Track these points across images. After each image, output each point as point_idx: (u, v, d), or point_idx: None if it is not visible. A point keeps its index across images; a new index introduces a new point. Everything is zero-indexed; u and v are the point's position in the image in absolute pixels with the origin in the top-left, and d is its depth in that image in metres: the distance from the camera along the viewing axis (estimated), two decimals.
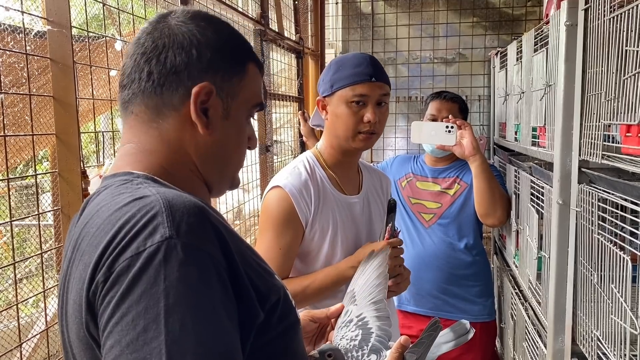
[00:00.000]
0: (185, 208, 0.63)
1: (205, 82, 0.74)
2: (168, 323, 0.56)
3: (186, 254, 0.60)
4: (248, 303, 0.67)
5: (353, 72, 1.45)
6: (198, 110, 0.74)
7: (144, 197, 0.65)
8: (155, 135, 0.76)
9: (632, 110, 1.11)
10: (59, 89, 1.12)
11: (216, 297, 0.61)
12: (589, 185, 1.37)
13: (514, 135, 2.39)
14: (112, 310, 0.58)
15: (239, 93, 0.79)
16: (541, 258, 1.79)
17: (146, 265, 0.58)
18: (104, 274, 0.60)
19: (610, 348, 1.22)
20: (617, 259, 1.17)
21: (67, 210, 1.14)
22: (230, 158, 0.82)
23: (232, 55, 0.79)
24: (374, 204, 1.62)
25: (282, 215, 1.43)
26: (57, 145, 1.12)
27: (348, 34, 3.50)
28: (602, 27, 1.27)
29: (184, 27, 0.76)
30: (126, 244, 0.60)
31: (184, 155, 0.77)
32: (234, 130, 0.80)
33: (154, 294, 0.57)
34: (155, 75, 0.74)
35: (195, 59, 0.75)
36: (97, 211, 0.68)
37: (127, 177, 0.73)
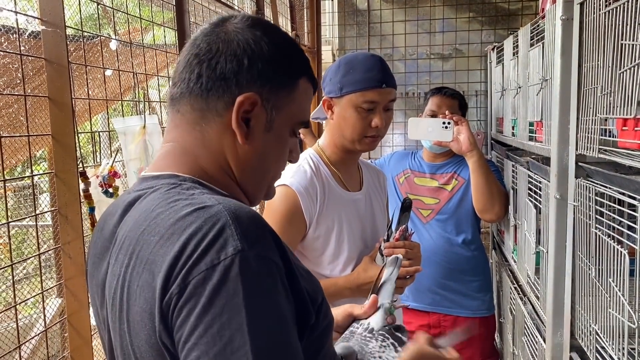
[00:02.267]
0: (249, 219, 0.65)
1: (251, 93, 0.75)
2: (251, 331, 0.59)
3: (259, 264, 0.62)
4: (304, 306, 0.69)
5: (364, 77, 1.44)
6: (239, 120, 0.75)
7: (206, 206, 0.66)
8: (198, 138, 0.77)
9: (628, 104, 1.11)
10: (54, 89, 1.12)
11: (284, 304, 0.64)
12: (586, 180, 1.37)
13: (511, 130, 2.39)
14: (195, 322, 0.60)
15: (286, 107, 0.79)
16: (539, 253, 1.79)
17: (224, 278, 0.60)
18: (178, 286, 0.61)
19: (608, 342, 1.23)
20: (614, 253, 1.17)
21: (64, 211, 1.13)
22: (268, 170, 0.82)
23: (284, 69, 0.78)
24: (375, 200, 1.62)
25: (287, 212, 1.42)
26: (54, 146, 1.11)
27: (344, 31, 3.49)
28: (597, 20, 1.27)
29: (240, 35, 0.77)
30: (199, 257, 0.61)
31: (223, 161, 0.78)
32: (275, 143, 0.80)
33: (236, 305, 0.59)
34: (204, 78, 0.75)
35: (246, 68, 0.75)
36: (154, 218, 0.68)
37: (174, 181, 0.74)
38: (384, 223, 1.60)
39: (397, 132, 3.48)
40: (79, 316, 1.30)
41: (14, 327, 1.19)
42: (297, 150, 0.87)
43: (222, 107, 0.75)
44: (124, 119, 1.33)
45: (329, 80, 1.52)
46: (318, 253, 1.48)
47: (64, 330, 1.34)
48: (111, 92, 1.43)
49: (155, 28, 1.74)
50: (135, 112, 1.53)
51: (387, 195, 1.73)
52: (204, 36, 0.78)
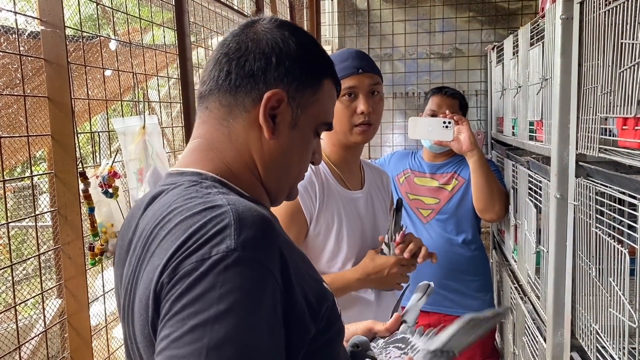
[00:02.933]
0: (253, 222, 0.65)
1: (278, 89, 0.77)
2: (214, 329, 0.58)
3: (247, 266, 0.62)
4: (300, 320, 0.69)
5: (340, 67, 1.45)
6: (266, 115, 0.77)
7: (215, 206, 0.67)
8: (225, 133, 0.79)
9: (628, 103, 1.10)
10: (54, 89, 1.12)
11: (265, 313, 0.62)
12: (586, 179, 1.37)
13: (511, 129, 2.39)
14: (169, 306, 0.61)
15: (310, 106, 0.81)
16: (540, 252, 1.79)
17: (207, 271, 0.60)
18: (168, 275, 0.62)
19: (609, 341, 1.22)
20: (615, 252, 1.17)
21: (63, 212, 1.13)
22: (291, 167, 0.84)
23: (310, 68, 0.81)
24: (377, 199, 1.62)
25: (286, 210, 1.41)
26: (53, 146, 1.11)
27: (344, 31, 3.49)
28: (597, 20, 1.26)
29: (269, 34, 0.79)
30: (193, 250, 0.62)
31: (249, 157, 0.80)
32: (299, 142, 0.82)
33: (209, 299, 0.59)
34: (233, 75, 0.78)
35: (274, 66, 0.77)
36: (169, 213, 0.69)
37: (196, 179, 0.76)
38: (386, 223, 1.59)
39: (397, 132, 3.48)
40: (79, 317, 1.29)
41: (14, 328, 1.19)
42: (320, 151, 0.89)
43: (249, 103, 0.78)
44: (124, 119, 1.33)
45: None
46: (318, 251, 1.48)
47: (63, 330, 1.34)
48: (111, 92, 1.43)
49: (154, 28, 1.73)
50: (134, 112, 1.53)
51: (391, 196, 1.72)
52: (233, 37, 0.81)
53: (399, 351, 0.96)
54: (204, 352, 0.56)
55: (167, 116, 2.33)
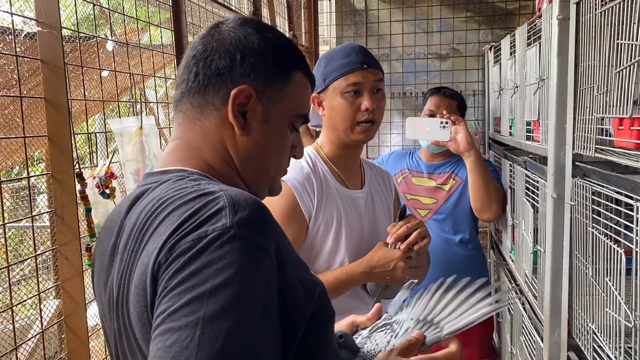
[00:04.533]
0: (247, 204, 0.66)
1: (245, 86, 0.78)
2: (210, 302, 0.58)
3: (242, 243, 0.63)
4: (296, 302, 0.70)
5: (343, 63, 1.43)
6: (235, 112, 0.78)
7: (209, 192, 0.68)
8: (199, 132, 0.81)
9: (624, 104, 1.11)
10: (50, 90, 1.11)
11: (261, 289, 0.63)
12: (582, 179, 1.37)
13: (508, 129, 2.39)
14: (166, 283, 0.61)
15: (282, 100, 0.82)
16: (537, 252, 1.79)
17: (204, 248, 0.61)
18: (165, 255, 0.63)
19: (605, 341, 1.23)
20: (611, 252, 1.17)
21: (60, 212, 1.13)
22: (268, 162, 0.84)
23: (276, 61, 0.81)
24: (378, 200, 1.59)
25: (285, 209, 1.40)
26: (50, 147, 1.11)
27: (342, 31, 3.49)
28: (593, 20, 1.27)
29: (232, 33, 0.81)
30: (190, 231, 0.63)
31: (225, 153, 0.81)
32: (274, 136, 0.83)
33: (205, 273, 0.60)
34: (200, 76, 0.79)
35: (239, 63, 0.79)
36: (161, 204, 0.70)
37: (182, 174, 0.77)
38: (387, 224, 1.55)
39: (395, 132, 3.48)
40: (76, 317, 1.29)
41: (11, 329, 1.19)
42: (300, 145, 0.89)
43: (219, 101, 0.79)
44: (121, 119, 1.33)
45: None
46: (316, 250, 1.45)
47: (61, 331, 1.33)
48: (108, 93, 1.43)
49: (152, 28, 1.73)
50: (132, 112, 1.53)
51: (394, 196, 1.68)
52: (201, 39, 0.82)
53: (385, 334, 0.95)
54: (200, 324, 0.57)
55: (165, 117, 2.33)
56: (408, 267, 1.42)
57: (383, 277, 1.42)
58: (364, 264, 1.42)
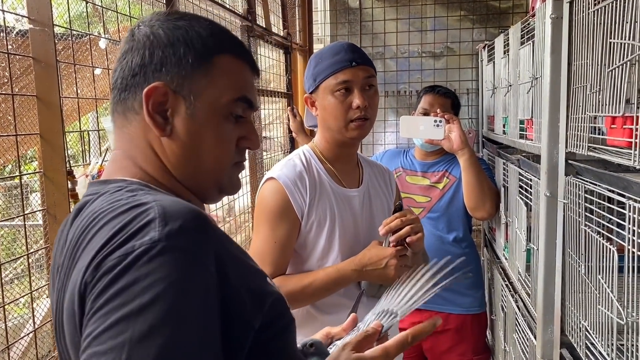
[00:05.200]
0: (179, 213, 0.63)
1: (156, 83, 0.72)
2: (137, 322, 0.55)
3: (172, 256, 0.59)
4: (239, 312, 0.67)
5: (332, 61, 1.43)
6: (151, 112, 0.73)
7: (141, 204, 0.64)
8: (129, 140, 0.76)
9: (616, 102, 1.11)
10: (42, 88, 1.11)
11: (196, 303, 0.60)
12: (575, 177, 1.38)
13: (502, 128, 2.40)
14: (92, 304, 0.58)
15: (205, 89, 0.75)
16: (530, 250, 1.80)
17: (131, 264, 0.58)
18: (91, 274, 0.60)
19: (598, 338, 1.23)
20: (603, 250, 1.18)
21: (53, 211, 1.13)
22: (203, 160, 0.77)
23: (189, 49, 0.74)
24: (376, 199, 1.56)
25: (276, 207, 1.39)
26: (42, 145, 1.10)
27: (336, 29, 3.49)
28: (586, 19, 1.27)
29: (142, 30, 0.76)
30: (117, 246, 0.60)
31: (157, 159, 0.76)
32: (205, 130, 0.75)
33: (132, 291, 0.56)
34: (119, 81, 0.75)
35: (148, 59, 0.73)
36: (94, 218, 0.67)
37: (121, 184, 0.73)
38: None
39: (389, 131, 3.48)
40: None
41: (3, 328, 1.18)
42: (251, 135, 0.81)
43: (137, 104, 0.74)
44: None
45: (306, 79, 1.51)
46: (309, 249, 1.45)
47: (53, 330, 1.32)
48: (101, 91, 1.43)
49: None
50: None
51: (396, 195, 1.66)
52: (123, 44, 0.78)
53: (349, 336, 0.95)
54: (127, 346, 0.53)
55: None
56: (401, 265, 1.39)
57: (375, 276, 1.40)
58: (356, 262, 1.40)
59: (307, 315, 1.46)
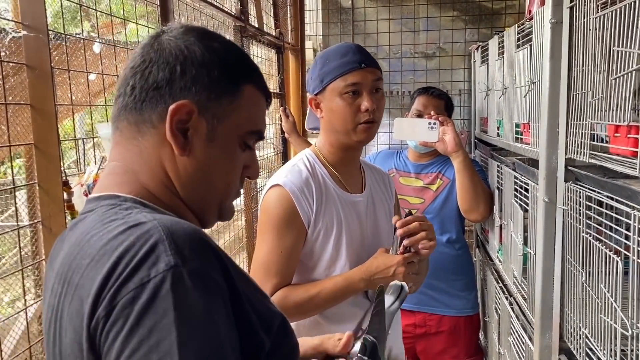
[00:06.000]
0: (186, 234, 0.61)
1: (185, 101, 0.70)
2: (182, 355, 0.54)
3: (194, 282, 0.57)
4: (251, 333, 0.65)
5: (341, 62, 1.39)
6: (174, 130, 0.70)
7: (139, 224, 0.62)
8: (137, 153, 0.73)
9: (620, 110, 1.10)
10: (36, 96, 1.06)
11: (223, 325, 0.59)
12: (575, 184, 1.37)
13: (496, 130, 2.39)
14: (121, 346, 0.55)
15: (229, 116, 0.74)
16: (527, 254, 1.80)
17: (154, 296, 0.55)
18: (105, 308, 0.57)
19: (599, 346, 1.23)
20: (606, 259, 1.17)
21: (47, 223, 1.09)
22: (214, 184, 0.76)
23: (222, 73, 0.73)
24: (379, 203, 1.54)
25: (282, 215, 1.36)
26: (36, 156, 1.06)
27: (328, 29, 3.46)
28: (588, 25, 1.26)
29: (173, 42, 0.73)
30: (128, 275, 0.57)
31: (164, 176, 0.73)
32: (220, 155, 0.75)
33: (165, 326, 0.54)
34: (137, 90, 0.72)
35: (179, 75, 0.71)
36: (87, 240, 0.64)
37: (114, 202, 0.70)
38: (389, 229, 1.50)
39: (382, 132, 3.47)
40: None
41: None
42: (254, 165, 0.81)
43: (156, 118, 0.71)
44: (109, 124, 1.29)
45: (311, 80, 1.46)
46: (316, 257, 1.41)
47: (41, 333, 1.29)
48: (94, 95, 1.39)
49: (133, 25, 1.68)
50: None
51: (395, 198, 1.64)
52: (141, 49, 0.75)
53: None
54: None
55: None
56: (409, 273, 1.36)
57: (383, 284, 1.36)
58: (364, 270, 1.37)
59: (315, 323, 1.43)
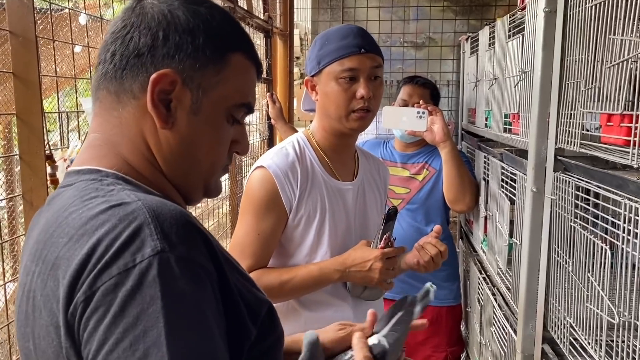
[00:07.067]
0: (172, 217, 0.58)
1: (168, 70, 0.65)
2: (170, 345, 0.51)
3: (181, 268, 0.55)
4: (239, 319, 0.63)
5: (340, 45, 1.34)
6: (155, 101, 0.66)
7: (123, 203, 0.58)
8: (117, 125, 0.68)
9: (613, 100, 1.10)
10: (20, 64, 1.02)
11: (212, 314, 0.57)
12: (564, 174, 1.37)
13: (484, 121, 2.40)
14: (104, 335, 0.52)
15: (216, 87, 0.69)
16: (512, 245, 1.80)
17: (139, 283, 0.53)
18: (84, 293, 0.54)
19: (584, 335, 1.24)
20: (594, 248, 1.17)
21: (29, 197, 1.05)
22: (199, 160, 0.72)
23: (208, 40, 0.68)
24: (370, 193, 1.50)
25: (264, 198, 1.33)
26: (18, 127, 1.02)
27: (317, 14, 3.43)
28: (582, 14, 1.26)
29: (156, 6, 0.68)
30: (110, 259, 0.54)
31: (146, 150, 0.69)
32: (206, 129, 0.70)
33: (152, 314, 0.52)
34: (117, 57, 0.67)
35: (161, 42, 0.66)
36: (65, 218, 0.60)
37: (95, 176, 0.66)
38: (379, 219, 1.46)
39: None
40: None
41: None
42: (244, 140, 0.77)
43: (137, 88, 0.67)
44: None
45: (308, 60, 1.42)
46: (296, 243, 1.39)
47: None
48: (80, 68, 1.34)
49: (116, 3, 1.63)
50: None
51: (387, 190, 1.61)
52: (122, 13, 0.70)
53: None
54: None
55: None
56: (387, 269, 1.33)
57: (359, 278, 1.35)
58: (340, 262, 1.34)
59: (291, 310, 1.41)
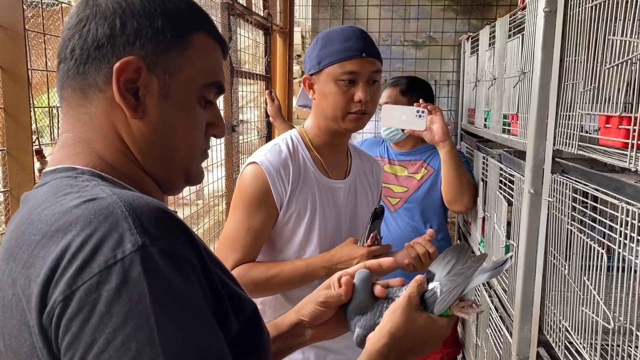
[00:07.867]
0: (150, 210, 0.56)
1: (130, 57, 0.64)
2: (163, 342, 0.50)
3: (165, 261, 0.53)
4: (222, 310, 0.62)
5: (341, 47, 1.34)
6: (122, 90, 0.64)
7: (97, 198, 0.56)
8: (87, 122, 0.67)
9: (613, 101, 1.09)
10: (8, 57, 1.00)
11: (202, 306, 0.56)
12: (562, 176, 1.36)
13: (483, 121, 2.38)
14: (91, 337, 0.50)
15: (181, 68, 0.67)
16: (509, 246, 1.79)
17: (124, 280, 0.51)
18: (63, 293, 0.51)
19: (579, 339, 1.22)
20: (591, 251, 1.16)
21: (16, 192, 1.03)
22: (175, 146, 0.70)
23: (167, 23, 0.66)
24: (362, 192, 1.50)
25: (255, 193, 1.34)
26: (6, 121, 1.00)
27: (318, 12, 3.41)
28: (582, 14, 1.24)
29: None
30: (89, 257, 0.52)
31: (120, 143, 0.67)
32: (178, 113, 0.68)
33: (142, 312, 0.50)
34: (77, 52, 0.65)
35: (119, 30, 0.64)
36: (38, 214, 0.58)
37: (70, 174, 0.64)
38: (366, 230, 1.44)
39: None
40: None
41: None
42: (219, 122, 0.75)
43: (102, 80, 0.65)
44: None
45: (308, 58, 1.42)
46: (285, 240, 1.39)
47: None
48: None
49: None
50: None
51: (380, 189, 1.61)
52: (76, 8, 0.68)
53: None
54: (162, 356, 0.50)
55: None
56: None
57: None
58: (327, 259, 1.35)
59: (280, 305, 1.42)
